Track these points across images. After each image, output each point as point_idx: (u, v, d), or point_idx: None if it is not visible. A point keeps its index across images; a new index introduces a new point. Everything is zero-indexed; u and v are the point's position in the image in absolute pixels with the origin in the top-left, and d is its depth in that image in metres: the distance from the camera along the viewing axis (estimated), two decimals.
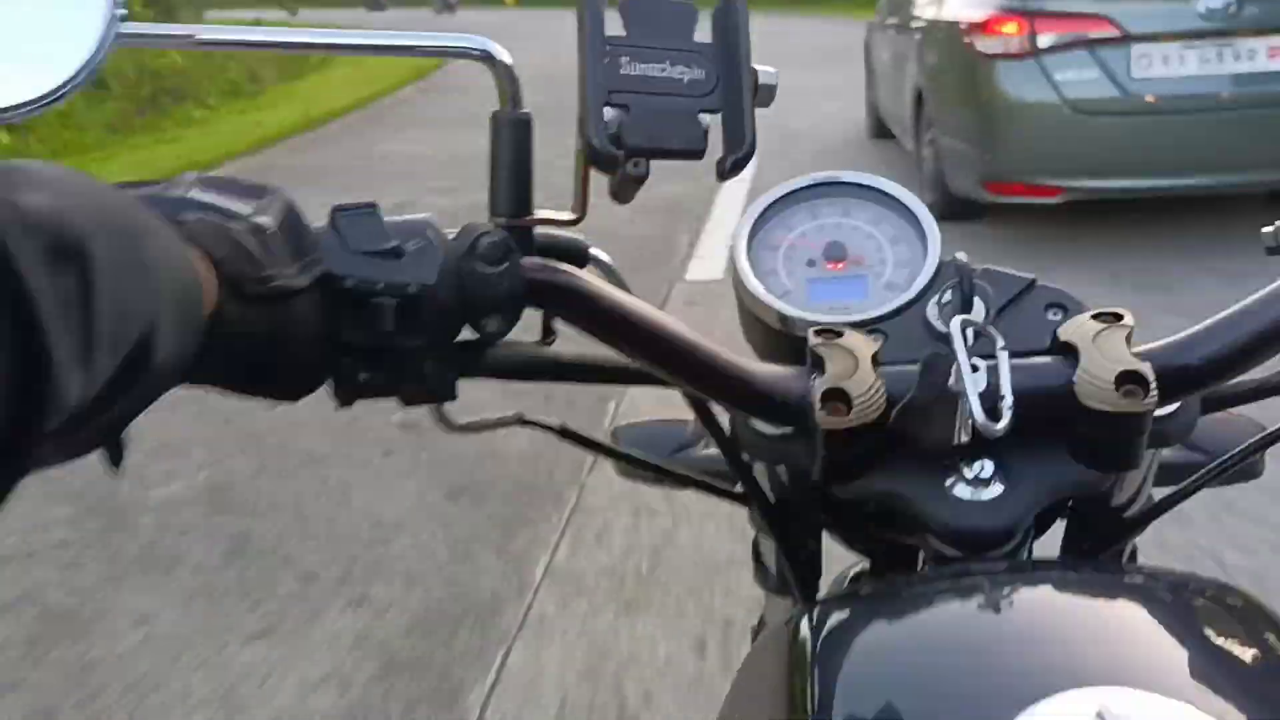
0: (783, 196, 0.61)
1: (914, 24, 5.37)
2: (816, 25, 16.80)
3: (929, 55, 5.05)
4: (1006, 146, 4.41)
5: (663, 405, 0.76)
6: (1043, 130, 4.34)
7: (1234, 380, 0.55)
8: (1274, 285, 0.53)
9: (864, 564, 0.70)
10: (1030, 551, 0.54)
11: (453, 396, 0.55)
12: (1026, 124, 4.36)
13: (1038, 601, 0.46)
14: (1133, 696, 0.38)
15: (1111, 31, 4.20)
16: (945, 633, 0.46)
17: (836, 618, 0.49)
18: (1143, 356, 0.51)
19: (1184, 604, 0.46)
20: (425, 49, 0.57)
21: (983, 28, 4.41)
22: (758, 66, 0.55)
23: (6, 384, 0.32)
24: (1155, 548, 1.01)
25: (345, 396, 0.52)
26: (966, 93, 4.60)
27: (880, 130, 7.04)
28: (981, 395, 0.49)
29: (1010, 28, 4.33)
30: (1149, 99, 4.21)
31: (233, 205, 0.46)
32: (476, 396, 0.59)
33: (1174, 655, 0.43)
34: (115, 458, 0.43)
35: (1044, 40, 4.27)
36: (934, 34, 5.01)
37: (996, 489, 0.51)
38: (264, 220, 0.46)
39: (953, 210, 4.85)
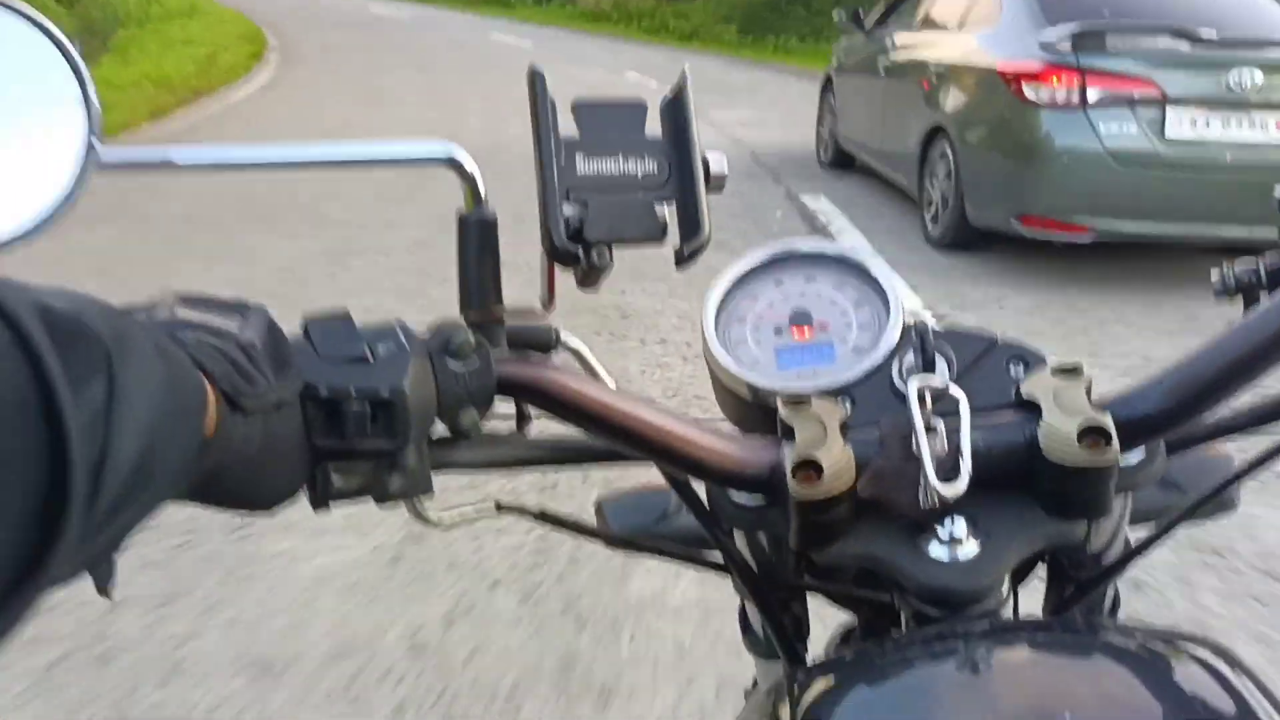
0: (747, 272, 0.61)
1: (932, 68, 5.80)
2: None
3: (954, 97, 5.49)
4: (1046, 186, 4.88)
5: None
6: (1081, 174, 4.83)
7: (1196, 421, 0.55)
8: (1226, 330, 0.53)
9: (853, 620, 0.69)
10: (1015, 603, 0.54)
11: (429, 492, 0.55)
12: (1067, 167, 4.85)
13: (1017, 666, 0.47)
14: None
15: (1153, 93, 4.75)
16: (925, 702, 0.46)
17: (819, 686, 0.50)
18: (1102, 407, 0.51)
19: (1163, 663, 0.47)
20: (395, 159, 0.60)
21: (1034, 77, 4.87)
22: (708, 154, 0.57)
23: (34, 496, 0.31)
24: None
25: (320, 501, 0.52)
26: (1005, 134, 5.05)
27: (837, 160, 7.56)
28: (942, 457, 0.50)
29: (1061, 80, 4.80)
30: (1177, 155, 4.77)
31: (220, 323, 0.46)
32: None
33: (1150, 716, 0.44)
34: (104, 580, 0.41)
35: (1092, 94, 4.77)
36: (962, 78, 5.46)
37: (972, 547, 0.51)
38: (251, 336, 0.46)
39: (964, 239, 5.31)
